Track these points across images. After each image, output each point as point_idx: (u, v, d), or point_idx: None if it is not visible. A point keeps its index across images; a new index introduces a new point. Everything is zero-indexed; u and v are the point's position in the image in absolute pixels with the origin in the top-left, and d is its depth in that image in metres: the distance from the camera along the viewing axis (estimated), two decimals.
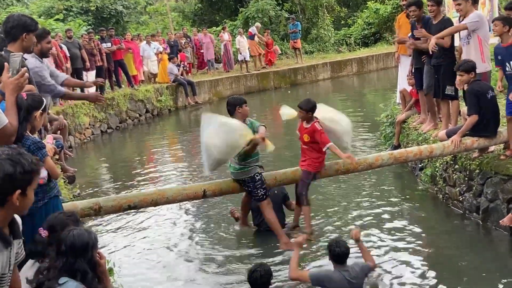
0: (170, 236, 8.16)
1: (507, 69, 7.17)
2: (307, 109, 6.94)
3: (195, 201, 8.44)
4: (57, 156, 7.71)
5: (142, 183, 11.28)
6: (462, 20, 8.27)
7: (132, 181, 11.54)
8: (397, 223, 7.79)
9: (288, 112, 7.31)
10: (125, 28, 30.17)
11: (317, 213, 8.19)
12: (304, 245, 6.38)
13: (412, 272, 6.32)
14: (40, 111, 4.66)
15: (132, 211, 7.86)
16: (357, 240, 6.10)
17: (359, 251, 6.17)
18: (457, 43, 9.21)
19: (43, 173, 4.45)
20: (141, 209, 7.97)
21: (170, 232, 8.33)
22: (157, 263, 7.26)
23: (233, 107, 6.74)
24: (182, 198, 6.96)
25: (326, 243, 6.03)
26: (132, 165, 13.55)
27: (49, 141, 5.94)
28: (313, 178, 7.12)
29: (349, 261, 5.76)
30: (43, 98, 4.79)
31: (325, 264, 6.26)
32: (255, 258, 6.97)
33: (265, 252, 7.15)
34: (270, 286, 5.37)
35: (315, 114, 6.98)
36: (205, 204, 9.14)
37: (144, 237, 8.21)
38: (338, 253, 5.62)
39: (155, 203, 6.76)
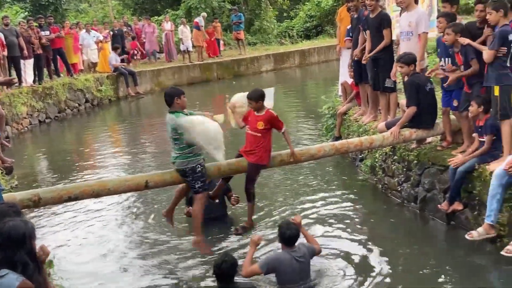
0: (112, 227, 8.08)
1: (441, 63, 7.42)
2: (257, 98, 6.92)
3: (140, 192, 8.37)
4: None
5: (82, 174, 11.07)
6: (403, 12, 8.45)
7: (72, 172, 11.33)
8: (338, 212, 7.93)
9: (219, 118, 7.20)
10: (64, 16, 29.44)
11: (260, 202, 8.25)
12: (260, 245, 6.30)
13: (352, 259, 6.47)
14: None
15: (73, 202, 7.72)
16: (299, 226, 6.16)
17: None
18: (394, 36, 9.42)
19: None
20: (82, 201, 7.85)
21: (112, 223, 8.24)
22: (98, 255, 7.17)
23: (171, 98, 6.66)
24: (124, 190, 6.86)
25: (270, 231, 6.10)
26: (72, 156, 13.30)
27: None
28: (259, 172, 7.09)
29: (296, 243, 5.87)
30: None
31: (270, 250, 6.40)
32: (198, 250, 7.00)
33: (215, 242, 7.20)
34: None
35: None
36: (150, 194, 9.07)
37: (85, 229, 8.09)
38: (289, 235, 5.71)
39: (96, 194, 6.64)
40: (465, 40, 6.79)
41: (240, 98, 7.28)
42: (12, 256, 3.53)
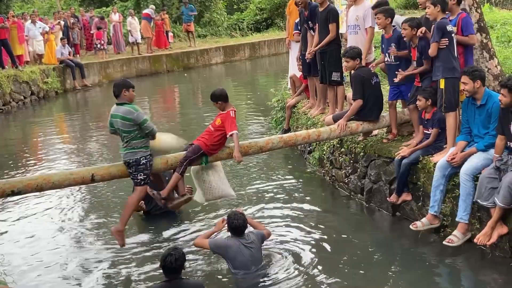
0: (59, 221, 7.94)
1: (386, 59, 7.55)
2: (216, 99, 6.94)
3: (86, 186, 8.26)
4: None
5: (27, 168, 10.83)
6: (350, 8, 8.55)
7: (16, 166, 11.05)
8: (286, 204, 7.99)
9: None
10: (9, 6, 28.61)
11: None
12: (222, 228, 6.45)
13: (300, 248, 6.56)
14: None
15: (16, 197, 7.55)
16: (251, 224, 6.37)
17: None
18: (343, 30, 9.51)
19: None
20: (26, 195, 7.70)
21: (59, 217, 8.10)
22: (44, 250, 7.04)
23: (119, 89, 6.60)
24: (69, 183, 6.71)
25: (214, 222, 6.16)
26: (16, 150, 12.97)
27: None
28: (199, 156, 6.98)
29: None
30: None
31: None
32: (153, 243, 6.98)
33: (161, 236, 7.19)
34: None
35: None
36: (98, 189, 8.95)
37: (30, 222, 7.96)
38: (236, 225, 5.96)
39: (40, 188, 6.49)
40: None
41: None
42: None
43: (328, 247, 6.65)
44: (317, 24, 8.95)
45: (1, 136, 14.84)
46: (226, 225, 6.10)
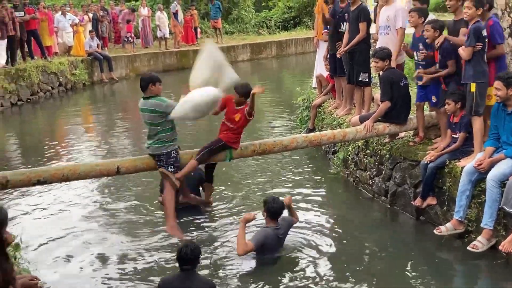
0: (82, 212, 7.99)
1: (415, 58, 7.48)
2: (241, 93, 6.92)
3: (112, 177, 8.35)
4: None
5: (53, 158, 10.94)
6: (380, 10, 8.47)
7: (42, 155, 11.18)
8: (309, 204, 7.96)
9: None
10: None
11: (232, 191, 8.33)
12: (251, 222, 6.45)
13: (320, 249, 6.53)
14: None
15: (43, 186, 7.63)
16: (289, 206, 6.58)
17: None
18: (373, 30, 9.44)
19: None
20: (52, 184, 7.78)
21: (83, 207, 8.16)
22: (67, 240, 7.10)
23: (146, 83, 6.65)
24: (94, 174, 6.79)
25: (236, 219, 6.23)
26: (43, 140, 13.11)
27: None
28: (220, 148, 6.96)
29: None
30: None
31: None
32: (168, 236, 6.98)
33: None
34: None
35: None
36: (123, 180, 9.02)
37: (53, 212, 8.02)
38: (275, 209, 6.18)
39: (66, 178, 6.57)
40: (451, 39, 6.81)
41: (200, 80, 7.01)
42: None
43: (349, 247, 6.63)
44: (347, 23, 8.91)
45: (28, 125, 15.04)
46: (265, 209, 6.25)
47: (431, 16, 7.64)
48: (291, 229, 6.57)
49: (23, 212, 8.01)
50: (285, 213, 6.57)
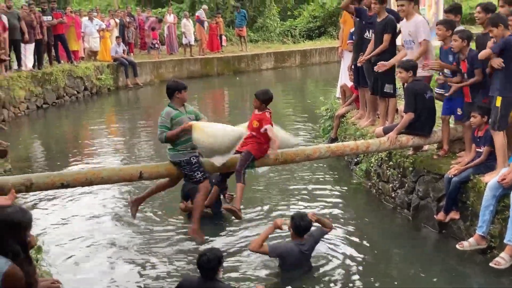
0: (104, 216, 8.06)
1: (445, 70, 7.40)
2: (262, 100, 6.93)
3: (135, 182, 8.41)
4: None
5: (76, 161, 11.04)
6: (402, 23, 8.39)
7: (66, 158, 11.29)
8: (330, 215, 7.91)
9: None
10: (67, 2, 29.34)
11: (254, 201, 8.31)
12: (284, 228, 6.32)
13: (342, 261, 6.49)
14: None
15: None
16: (317, 221, 6.37)
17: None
18: (398, 42, 9.38)
19: None
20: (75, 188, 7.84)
21: (104, 212, 8.22)
22: (88, 243, 7.16)
23: (172, 91, 6.69)
24: (117, 179, 6.83)
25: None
26: (67, 143, 13.26)
27: None
28: (251, 162, 7.01)
29: None
30: None
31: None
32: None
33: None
34: None
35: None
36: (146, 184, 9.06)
37: (76, 215, 8.09)
38: (303, 227, 6.04)
39: (90, 182, 6.61)
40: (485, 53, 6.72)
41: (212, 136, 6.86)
42: (4, 242, 3.49)
43: (369, 259, 6.59)
44: (373, 34, 8.88)
45: (53, 128, 15.20)
46: (292, 226, 6.12)
47: (460, 28, 7.57)
48: None
49: (46, 215, 8.09)
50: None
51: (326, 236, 7.09)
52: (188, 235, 6.95)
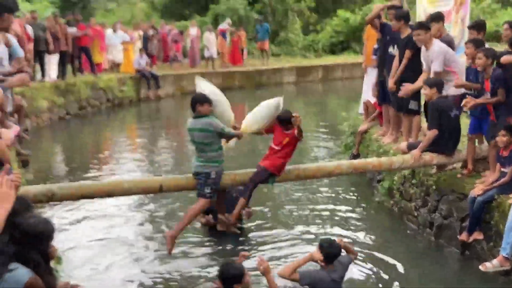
0: (125, 227, 8.07)
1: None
2: (285, 120, 7.05)
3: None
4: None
5: (97, 172, 11.09)
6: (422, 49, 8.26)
7: (88, 169, 11.34)
8: (352, 232, 7.84)
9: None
10: (92, 14, 29.65)
11: (275, 219, 8.26)
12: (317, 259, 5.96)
13: (363, 280, 6.42)
14: None
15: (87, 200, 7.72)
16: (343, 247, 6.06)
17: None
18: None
19: None
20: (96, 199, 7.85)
21: (125, 223, 8.24)
22: (109, 254, 7.16)
23: (193, 103, 6.72)
24: (138, 191, 6.87)
25: (285, 247, 6.07)
26: (88, 153, 13.34)
27: (14, 132, 5.75)
28: (267, 178, 7.00)
29: None
30: None
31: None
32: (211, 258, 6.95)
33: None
34: None
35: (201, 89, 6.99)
36: (163, 198, 9.06)
37: (96, 227, 8.10)
38: (334, 254, 5.72)
39: (110, 193, 6.64)
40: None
41: (253, 119, 7.25)
42: (26, 253, 3.49)
43: (391, 279, 6.47)
44: (397, 50, 8.82)
45: (75, 139, 15.31)
46: (321, 252, 5.76)
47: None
48: None
49: (66, 226, 8.10)
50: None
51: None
52: (164, 236, 6.91)
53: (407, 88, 8.10)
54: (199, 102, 6.72)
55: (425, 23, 8.03)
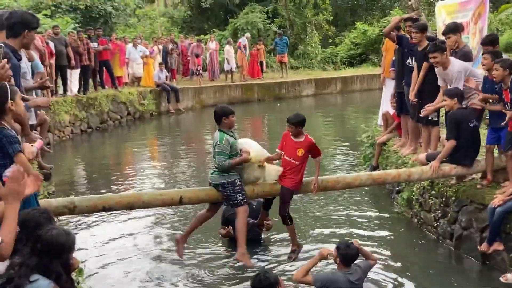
0: (146, 239, 8.13)
1: (490, 100, 7.30)
2: (296, 123, 6.71)
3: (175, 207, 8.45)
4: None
5: (118, 185, 11.19)
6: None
7: (108, 182, 11.46)
8: (371, 244, 7.81)
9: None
10: (113, 29, 29.95)
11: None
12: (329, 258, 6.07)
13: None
14: (10, 100, 4.58)
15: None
16: (359, 249, 6.04)
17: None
18: None
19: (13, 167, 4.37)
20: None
21: (146, 235, 8.30)
22: (130, 266, 7.22)
23: (219, 116, 6.72)
24: (158, 203, 6.91)
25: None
26: (110, 167, 13.48)
27: (37, 146, 5.86)
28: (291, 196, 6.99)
29: None
30: (7, 86, 4.65)
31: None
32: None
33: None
34: None
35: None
36: (186, 210, 9.12)
37: (117, 239, 8.18)
38: (351, 255, 5.74)
39: (131, 206, 6.70)
40: None
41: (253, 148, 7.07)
42: (47, 264, 3.55)
43: None
44: (415, 62, 8.83)
45: (96, 152, 15.48)
46: (332, 256, 5.85)
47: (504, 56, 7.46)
48: None
49: (87, 237, 8.19)
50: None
51: None
52: (236, 259, 6.86)
53: (429, 109, 8.07)
54: (225, 114, 6.74)
55: (441, 44, 7.97)
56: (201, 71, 24.28)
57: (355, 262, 5.90)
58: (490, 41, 7.88)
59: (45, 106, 7.19)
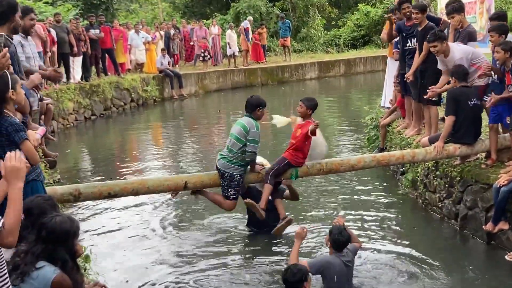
0: (153, 225, 8.11)
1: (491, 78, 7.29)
2: (307, 106, 7.02)
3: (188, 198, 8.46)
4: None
5: (123, 171, 11.21)
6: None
7: (113, 169, 11.50)
8: (376, 225, 7.83)
9: (281, 120, 7.51)
10: (114, 15, 29.87)
11: (298, 211, 8.26)
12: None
13: (388, 273, 6.40)
14: (11, 89, 4.58)
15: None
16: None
17: None
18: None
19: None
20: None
21: (152, 221, 8.28)
22: (138, 252, 7.23)
23: (255, 106, 6.90)
24: (163, 189, 6.94)
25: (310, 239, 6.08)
26: (114, 153, 13.51)
27: (40, 132, 5.87)
28: (286, 168, 7.03)
29: None
30: (8, 75, 4.65)
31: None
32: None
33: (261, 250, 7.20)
34: None
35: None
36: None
37: (123, 225, 8.18)
38: (342, 241, 5.80)
39: (136, 192, 6.73)
40: None
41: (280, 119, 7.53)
42: (52, 251, 3.58)
43: (415, 271, 6.43)
44: (416, 42, 8.80)
45: (101, 139, 15.52)
46: (330, 240, 5.86)
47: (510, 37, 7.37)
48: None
49: (94, 224, 8.22)
50: None
51: (372, 247, 7.05)
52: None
53: (434, 91, 8.03)
54: (261, 106, 6.93)
55: (440, 33, 7.88)
56: (208, 56, 24.08)
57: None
58: (498, 17, 7.88)
59: (40, 81, 7.20)
